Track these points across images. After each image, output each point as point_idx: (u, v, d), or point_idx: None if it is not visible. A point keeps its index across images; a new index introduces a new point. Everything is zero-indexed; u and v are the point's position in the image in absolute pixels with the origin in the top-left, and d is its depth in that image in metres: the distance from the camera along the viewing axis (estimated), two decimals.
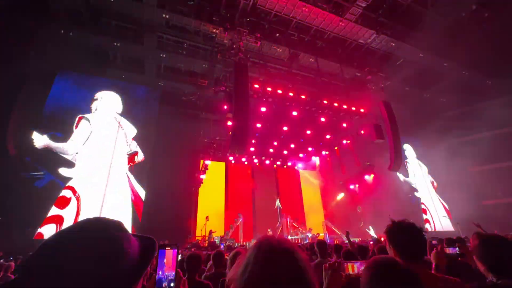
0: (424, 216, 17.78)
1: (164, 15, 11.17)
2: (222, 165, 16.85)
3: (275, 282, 0.64)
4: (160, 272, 0.70)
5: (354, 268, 1.47)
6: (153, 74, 13.59)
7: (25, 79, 10.12)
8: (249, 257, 0.72)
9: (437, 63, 14.88)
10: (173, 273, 0.70)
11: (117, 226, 0.62)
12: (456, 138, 18.33)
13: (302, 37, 13.00)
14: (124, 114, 12.87)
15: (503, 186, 16.75)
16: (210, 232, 12.13)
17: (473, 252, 1.54)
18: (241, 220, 13.65)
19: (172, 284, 0.69)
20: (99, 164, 11.43)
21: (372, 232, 14.15)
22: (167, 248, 0.72)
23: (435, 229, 17.25)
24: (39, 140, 10.40)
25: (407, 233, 1.44)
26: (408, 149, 19.84)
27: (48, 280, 0.49)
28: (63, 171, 10.61)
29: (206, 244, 10.75)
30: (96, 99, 12.43)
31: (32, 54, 10.44)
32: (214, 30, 11.88)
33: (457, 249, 1.98)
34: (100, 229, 0.59)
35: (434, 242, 2.55)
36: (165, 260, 0.70)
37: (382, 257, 1.03)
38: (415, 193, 18.62)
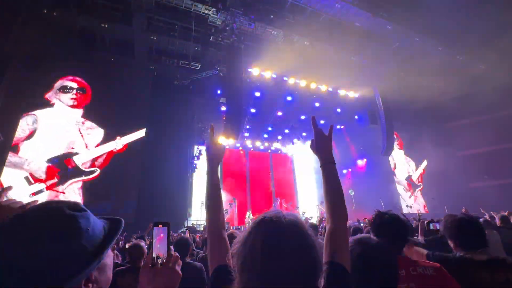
0: (412, 200, 18.38)
1: None
2: None
3: (277, 256, 0.59)
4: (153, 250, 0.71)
5: None
6: (143, 57, 13.14)
7: (8, 62, 9.64)
8: (250, 230, 0.66)
9: (432, 47, 14.78)
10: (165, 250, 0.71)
11: (73, 205, 0.61)
12: (448, 122, 18.62)
13: (297, 19, 12.66)
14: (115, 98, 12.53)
15: (489, 170, 17.29)
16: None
17: (444, 231, 1.66)
18: (235, 204, 13.89)
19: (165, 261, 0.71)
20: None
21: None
22: (159, 226, 0.73)
23: (418, 211, 17.89)
24: None
25: (389, 226, 1.45)
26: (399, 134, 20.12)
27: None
28: None
29: (202, 228, 10.98)
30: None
31: (13, 36, 9.88)
32: (207, 11, 11.42)
33: (437, 224, 2.12)
34: (54, 209, 0.58)
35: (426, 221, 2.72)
36: (156, 239, 0.72)
37: (359, 235, 1.21)
38: (405, 177, 19.12)
